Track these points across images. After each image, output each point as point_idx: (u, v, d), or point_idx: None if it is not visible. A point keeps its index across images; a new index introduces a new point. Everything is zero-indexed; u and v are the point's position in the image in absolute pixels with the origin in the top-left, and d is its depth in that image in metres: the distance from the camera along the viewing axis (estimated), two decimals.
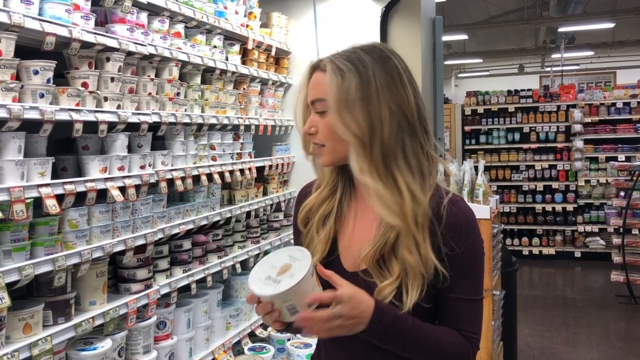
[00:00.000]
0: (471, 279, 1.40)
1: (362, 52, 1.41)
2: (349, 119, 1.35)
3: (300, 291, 1.23)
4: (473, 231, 1.39)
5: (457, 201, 1.40)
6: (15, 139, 2.02)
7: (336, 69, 1.37)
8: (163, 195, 2.77)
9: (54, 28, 2.12)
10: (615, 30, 11.76)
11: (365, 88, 1.36)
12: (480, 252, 1.42)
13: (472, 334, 1.40)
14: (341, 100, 1.36)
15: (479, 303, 1.42)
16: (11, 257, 1.98)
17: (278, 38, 4.04)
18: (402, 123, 1.37)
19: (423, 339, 1.35)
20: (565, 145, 9.57)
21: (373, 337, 1.33)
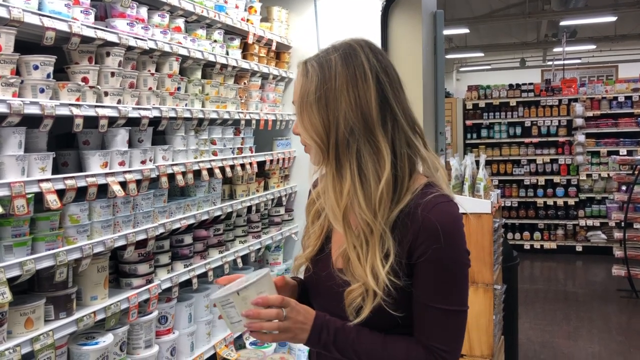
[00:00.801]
0: (442, 286, 1.30)
1: (332, 50, 1.37)
2: (307, 121, 1.34)
3: (244, 297, 1.26)
4: (447, 237, 1.29)
5: (435, 205, 1.30)
6: (16, 134, 2.02)
7: (304, 70, 1.37)
8: (164, 190, 2.77)
9: (54, 23, 2.11)
10: (617, 24, 11.72)
11: (323, 89, 1.33)
12: (455, 260, 1.31)
13: (439, 346, 1.30)
14: (302, 103, 1.35)
15: (452, 314, 1.31)
16: (12, 252, 1.98)
17: (278, 32, 4.03)
18: (358, 125, 1.31)
19: (371, 352, 1.32)
20: (566, 140, 9.56)
21: (317, 347, 1.34)
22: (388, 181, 1.31)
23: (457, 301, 1.32)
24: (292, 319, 1.29)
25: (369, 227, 1.31)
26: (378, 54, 1.38)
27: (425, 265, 1.30)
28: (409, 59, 4.00)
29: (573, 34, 12.09)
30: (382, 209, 1.31)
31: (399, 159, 1.34)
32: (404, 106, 1.39)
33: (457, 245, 1.32)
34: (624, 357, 5.22)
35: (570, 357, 5.22)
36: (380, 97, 1.34)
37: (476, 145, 9.95)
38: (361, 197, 1.31)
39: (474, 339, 3.62)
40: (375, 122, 1.32)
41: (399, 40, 4.03)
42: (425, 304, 1.31)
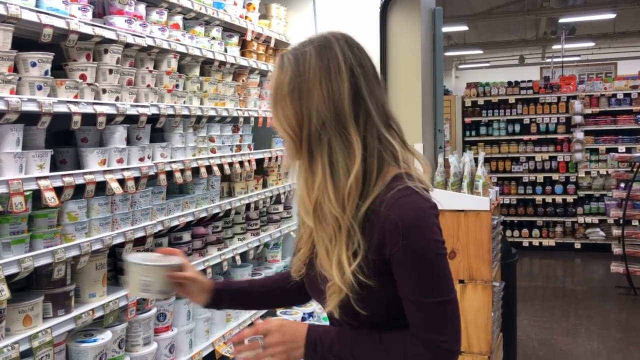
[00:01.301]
0: (422, 280, 1.29)
1: (308, 42, 1.36)
2: (280, 114, 1.34)
3: (154, 272, 1.50)
4: (411, 231, 1.27)
5: (397, 200, 1.29)
6: (14, 131, 2.02)
7: (279, 62, 1.36)
8: (162, 188, 2.77)
9: (51, 20, 2.11)
10: (616, 21, 11.71)
11: (296, 81, 1.32)
12: (426, 252, 1.29)
13: (432, 337, 1.30)
14: (275, 95, 1.35)
15: (439, 305, 1.30)
16: (10, 250, 1.98)
17: (277, 29, 4.02)
18: (330, 119, 1.30)
19: (369, 355, 1.33)
20: (565, 137, 9.56)
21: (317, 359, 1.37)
22: (358, 175, 1.30)
23: (440, 292, 1.30)
24: (277, 342, 1.34)
25: (338, 221, 1.30)
26: (354, 47, 1.37)
27: (398, 263, 1.29)
28: (408, 56, 4.00)
29: (572, 31, 12.08)
30: (351, 204, 1.30)
31: (369, 153, 1.32)
32: (378, 100, 1.37)
33: (424, 238, 1.29)
34: (623, 354, 5.23)
35: (569, 354, 5.22)
36: (354, 91, 1.32)
37: (475, 143, 9.95)
38: (331, 190, 1.30)
39: (472, 336, 3.62)
40: (348, 115, 1.31)
41: (397, 37, 4.03)
42: (410, 299, 1.31)
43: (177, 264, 1.55)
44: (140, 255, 1.60)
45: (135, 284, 1.52)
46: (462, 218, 3.65)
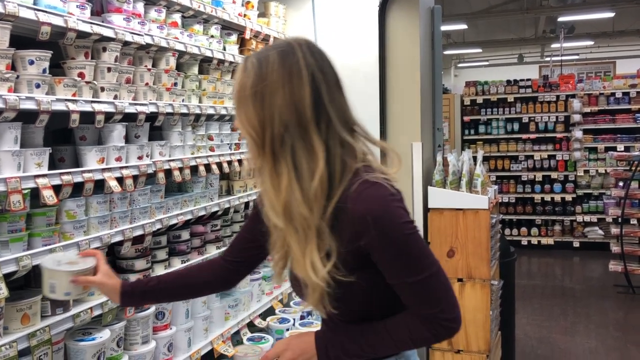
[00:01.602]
0: (403, 262, 1.35)
1: (272, 48, 1.40)
2: (243, 116, 1.39)
3: (59, 276, 1.65)
4: (381, 220, 1.32)
5: (359, 194, 1.34)
6: (12, 130, 2.01)
7: (243, 65, 1.40)
8: (161, 186, 2.76)
9: (49, 17, 2.10)
10: (615, 20, 11.73)
11: (258, 85, 1.36)
12: (399, 235, 1.34)
13: (429, 311, 1.37)
14: (239, 98, 1.39)
15: (425, 280, 1.36)
16: (8, 248, 1.97)
17: (276, 28, 4.02)
18: (292, 123, 1.34)
19: (377, 341, 1.41)
20: (564, 135, 9.57)
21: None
22: (322, 178, 1.34)
23: (424, 268, 1.36)
24: (292, 358, 1.44)
25: (307, 222, 1.35)
26: (316, 54, 1.41)
27: (376, 253, 1.35)
28: (407, 54, 4.00)
29: (571, 30, 12.09)
30: (317, 205, 1.34)
31: (332, 157, 1.37)
32: (339, 107, 1.41)
33: (392, 223, 1.33)
34: (621, 353, 5.23)
35: (567, 353, 5.23)
36: (315, 96, 1.36)
37: (474, 141, 9.95)
38: (298, 192, 1.34)
39: (471, 334, 3.63)
40: (309, 119, 1.35)
41: (396, 35, 4.03)
42: (397, 283, 1.37)
43: (85, 268, 1.71)
44: (58, 255, 1.76)
45: (45, 285, 1.70)
46: (460, 217, 3.65)
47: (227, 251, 1.79)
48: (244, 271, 1.79)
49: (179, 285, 1.78)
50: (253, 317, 3.57)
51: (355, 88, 4.41)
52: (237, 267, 1.76)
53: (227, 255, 1.78)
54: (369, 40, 4.03)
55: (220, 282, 1.78)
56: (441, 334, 1.39)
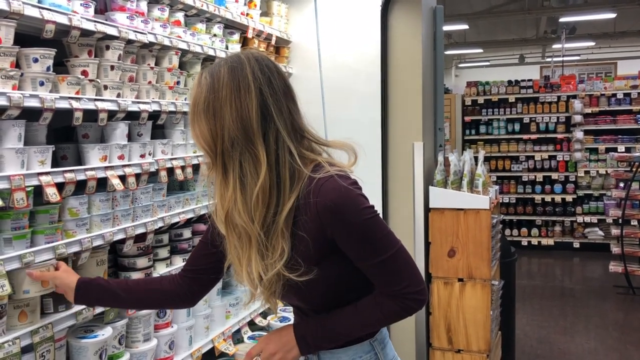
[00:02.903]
0: (367, 244, 1.43)
1: (224, 62, 1.46)
2: (197, 129, 1.46)
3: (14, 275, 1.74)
4: (342, 208, 1.41)
5: (320, 187, 1.42)
6: (15, 127, 2.02)
7: (198, 80, 1.47)
8: (163, 184, 2.77)
9: (54, 16, 2.11)
10: (617, 21, 11.72)
11: (209, 100, 1.42)
12: (361, 219, 1.42)
13: (396, 289, 1.46)
14: (192, 112, 1.46)
15: (389, 259, 1.45)
16: (12, 245, 1.98)
17: (278, 27, 4.02)
18: (239, 136, 1.41)
19: (351, 323, 1.50)
20: (565, 136, 9.57)
21: (312, 351, 1.55)
22: (264, 188, 1.41)
23: (388, 247, 1.45)
24: (272, 352, 1.51)
25: (246, 230, 1.43)
26: (264, 67, 1.46)
27: (341, 239, 1.44)
28: (409, 54, 4.00)
29: (572, 30, 12.08)
30: (258, 214, 1.42)
31: (281, 166, 1.44)
32: (287, 117, 1.47)
33: (354, 209, 1.42)
34: (620, 353, 5.24)
35: (567, 353, 5.24)
36: (262, 109, 1.42)
37: (475, 142, 9.96)
38: (240, 202, 1.42)
39: (471, 334, 3.64)
40: (255, 132, 1.41)
41: (398, 35, 4.03)
42: (364, 265, 1.46)
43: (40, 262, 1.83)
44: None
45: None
46: (461, 217, 3.66)
47: (187, 262, 1.81)
48: (206, 281, 1.79)
49: (139, 291, 1.81)
50: (254, 316, 3.57)
51: (357, 88, 4.44)
52: (198, 276, 1.77)
53: (187, 266, 1.80)
54: (371, 40, 4.03)
55: (181, 294, 1.79)
56: (410, 307, 1.48)
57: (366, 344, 1.58)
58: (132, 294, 1.80)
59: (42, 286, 1.82)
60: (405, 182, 3.94)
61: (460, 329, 3.66)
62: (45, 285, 1.80)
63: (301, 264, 1.44)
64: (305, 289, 1.46)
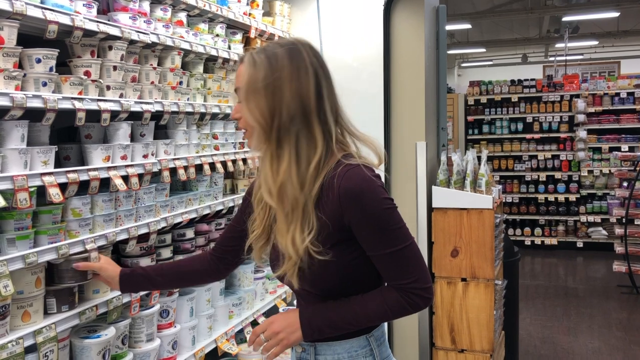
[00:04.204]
0: (381, 234, 1.49)
1: (278, 46, 1.55)
2: (253, 105, 1.52)
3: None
4: (363, 195, 1.48)
5: (345, 172, 1.50)
6: (18, 128, 2.02)
7: (251, 60, 1.54)
8: (166, 184, 2.77)
9: (56, 16, 2.11)
10: (620, 20, 11.69)
11: (270, 78, 1.51)
12: (380, 209, 1.49)
13: (404, 281, 1.51)
14: (249, 89, 1.52)
15: (400, 252, 1.51)
16: (15, 246, 1.98)
17: (281, 27, 4.02)
18: (298, 113, 1.51)
19: (357, 313, 1.53)
20: (568, 136, 9.55)
21: (315, 337, 1.57)
22: (317, 163, 1.51)
23: (400, 240, 1.51)
24: (275, 332, 1.55)
25: (297, 202, 1.50)
26: (317, 53, 1.59)
27: (357, 225, 1.50)
28: (412, 53, 4.00)
29: (575, 29, 12.05)
30: (308, 187, 1.50)
31: (325, 144, 1.55)
32: (333, 99, 1.59)
33: (374, 198, 1.49)
34: (624, 353, 5.23)
35: (570, 353, 5.23)
36: (317, 90, 1.53)
37: (478, 141, 9.94)
38: (295, 175, 1.50)
39: (474, 334, 3.63)
40: (313, 111, 1.52)
41: (401, 35, 4.03)
42: (376, 254, 1.52)
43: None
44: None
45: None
46: (464, 216, 3.65)
47: (216, 242, 1.95)
48: (232, 261, 1.92)
49: (173, 274, 1.97)
50: (257, 316, 3.57)
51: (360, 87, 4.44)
52: (225, 256, 1.91)
53: (216, 245, 1.94)
54: (374, 40, 4.03)
55: (211, 272, 1.94)
56: (416, 303, 1.52)
57: (362, 339, 1.61)
58: (167, 277, 1.96)
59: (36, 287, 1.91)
60: (408, 182, 3.94)
61: (464, 329, 3.65)
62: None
63: (319, 244, 1.50)
64: (321, 270, 1.51)
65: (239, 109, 1.59)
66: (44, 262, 2.09)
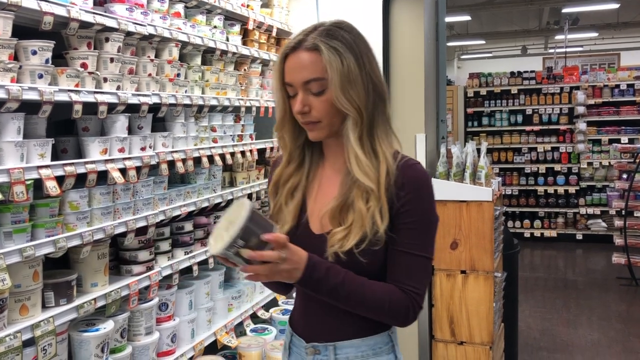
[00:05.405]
0: (418, 235, 1.49)
1: (342, 31, 1.49)
2: (352, 93, 1.46)
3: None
4: (424, 192, 1.49)
5: (412, 164, 1.52)
6: (15, 120, 2.01)
7: (332, 48, 1.46)
8: (164, 177, 2.76)
9: (52, 7, 2.09)
10: (620, 11, 11.63)
11: (359, 64, 1.47)
12: (429, 213, 1.51)
13: (412, 288, 1.48)
14: (345, 78, 1.46)
15: (425, 260, 1.50)
16: (12, 239, 1.97)
17: (279, 18, 4.00)
18: (380, 94, 1.51)
19: (357, 290, 1.46)
20: (568, 128, 9.53)
21: (308, 286, 1.44)
22: (393, 141, 1.55)
23: (429, 250, 1.52)
24: (289, 259, 1.38)
25: (378, 184, 1.47)
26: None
27: (408, 216, 1.48)
28: (411, 45, 3.97)
29: (575, 21, 12.00)
30: (385, 170, 1.49)
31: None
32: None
33: (432, 201, 1.52)
34: (623, 345, 5.24)
35: (570, 345, 5.24)
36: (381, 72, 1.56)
37: (477, 133, 9.92)
38: (390, 156, 1.50)
39: (474, 326, 3.63)
40: (386, 92, 1.54)
41: (400, 27, 4.00)
42: (405, 251, 1.49)
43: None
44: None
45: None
46: (464, 208, 3.64)
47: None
48: None
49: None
50: (256, 309, 3.57)
51: None
52: None
53: None
54: (373, 32, 3.99)
55: None
56: (411, 313, 1.49)
57: (385, 335, 1.57)
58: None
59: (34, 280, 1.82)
60: None
61: (463, 321, 3.65)
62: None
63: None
64: (372, 255, 1.47)
65: (307, 101, 1.49)
66: (41, 256, 2.08)
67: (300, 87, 1.48)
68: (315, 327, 1.59)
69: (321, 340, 1.57)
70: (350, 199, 1.49)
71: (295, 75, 1.48)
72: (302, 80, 1.47)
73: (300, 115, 1.50)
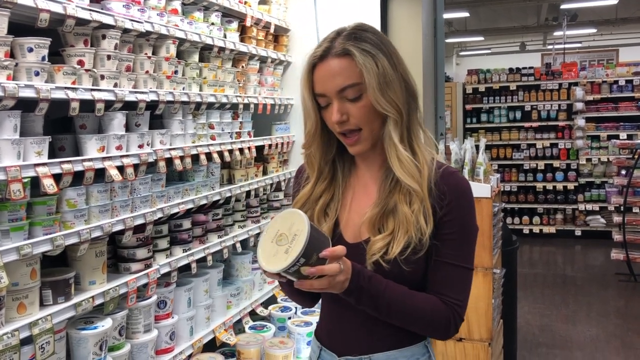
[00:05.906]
0: (459, 245, 1.46)
1: (368, 33, 1.46)
2: (391, 94, 1.43)
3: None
4: (466, 201, 1.46)
5: (453, 172, 1.48)
6: (11, 118, 2.00)
7: (364, 51, 1.42)
8: (162, 175, 2.75)
9: (48, 4, 2.08)
10: (618, 7, 11.62)
11: (392, 64, 1.44)
12: (471, 223, 1.48)
13: (455, 300, 1.45)
14: (382, 79, 1.42)
15: (466, 272, 1.47)
16: (9, 237, 1.96)
17: (277, 15, 3.99)
18: (412, 93, 1.49)
19: (398, 299, 1.41)
20: (566, 124, 9.53)
21: (353, 295, 1.38)
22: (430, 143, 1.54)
23: (472, 261, 1.49)
24: (345, 271, 1.33)
25: (421, 184, 1.44)
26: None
27: (450, 225, 1.44)
28: (409, 42, 3.97)
29: (574, 17, 11.99)
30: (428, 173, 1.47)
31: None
32: None
33: (473, 211, 1.49)
34: (622, 340, 5.24)
35: (569, 340, 5.24)
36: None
37: (476, 130, 9.93)
38: (428, 157, 1.48)
39: (473, 323, 3.63)
40: (416, 90, 1.52)
41: (398, 23, 3.99)
42: (448, 262, 1.45)
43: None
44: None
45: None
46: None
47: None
48: None
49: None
50: (255, 306, 3.57)
51: None
52: None
53: None
54: None
55: None
56: (452, 326, 1.45)
57: (422, 345, 1.53)
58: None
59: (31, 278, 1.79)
60: None
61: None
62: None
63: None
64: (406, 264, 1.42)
65: (344, 109, 1.43)
66: (39, 254, 2.07)
67: (335, 95, 1.42)
68: (349, 340, 1.52)
69: (355, 353, 1.51)
70: (391, 204, 1.45)
71: (329, 84, 1.42)
72: (336, 88, 1.41)
73: (339, 125, 1.44)
